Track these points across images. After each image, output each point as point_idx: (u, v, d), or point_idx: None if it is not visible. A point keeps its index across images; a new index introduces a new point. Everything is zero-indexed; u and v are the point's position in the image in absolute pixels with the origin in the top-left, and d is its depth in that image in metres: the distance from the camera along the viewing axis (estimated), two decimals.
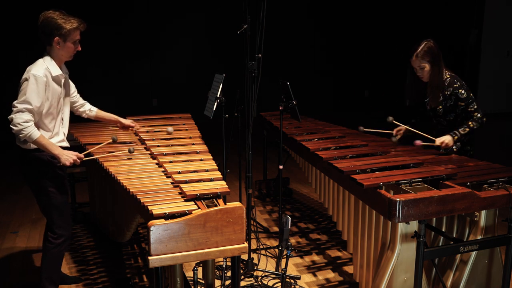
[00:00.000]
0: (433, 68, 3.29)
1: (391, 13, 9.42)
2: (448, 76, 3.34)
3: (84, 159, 2.96)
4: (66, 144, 3.05)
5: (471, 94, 3.31)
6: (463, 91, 3.28)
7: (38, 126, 2.82)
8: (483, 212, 2.70)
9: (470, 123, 3.29)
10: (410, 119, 3.61)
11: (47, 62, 2.85)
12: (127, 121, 3.45)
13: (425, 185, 2.69)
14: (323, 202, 3.55)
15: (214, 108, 3.40)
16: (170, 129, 3.52)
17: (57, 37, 2.81)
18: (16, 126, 2.71)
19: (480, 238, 2.72)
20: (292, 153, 4.14)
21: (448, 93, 3.31)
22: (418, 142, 3.32)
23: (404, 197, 2.42)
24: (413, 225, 2.57)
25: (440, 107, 3.36)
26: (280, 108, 3.49)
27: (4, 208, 4.85)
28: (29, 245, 4.02)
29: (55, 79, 2.88)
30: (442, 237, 2.88)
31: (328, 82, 9.51)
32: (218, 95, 3.36)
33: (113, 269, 3.61)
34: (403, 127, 3.53)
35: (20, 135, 2.73)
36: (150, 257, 2.20)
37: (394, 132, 3.55)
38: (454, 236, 2.87)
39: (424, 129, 3.49)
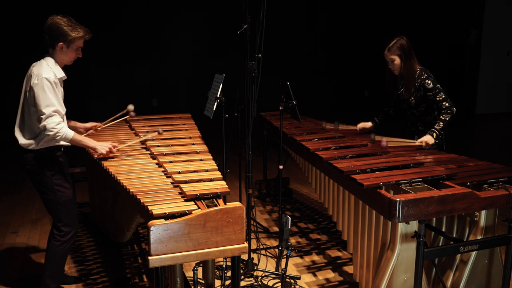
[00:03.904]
0: (404, 61, 3.50)
1: (391, 13, 9.41)
2: (418, 69, 3.54)
3: (119, 147, 3.16)
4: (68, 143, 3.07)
5: (438, 85, 3.49)
6: (429, 82, 3.48)
7: None
8: (483, 212, 2.70)
9: (441, 116, 3.48)
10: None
11: (51, 64, 2.91)
12: (87, 125, 3.44)
13: (425, 185, 2.69)
14: (323, 202, 3.55)
15: (214, 108, 3.40)
16: (160, 130, 3.50)
17: (61, 43, 2.88)
18: (51, 131, 2.80)
19: (480, 238, 2.72)
20: (292, 153, 4.13)
21: (418, 84, 3.52)
22: (384, 143, 3.38)
23: (404, 197, 2.42)
24: (413, 225, 2.57)
25: (412, 98, 3.56)
26: (280, 108, 3.49)
27: (4, 208, 4.85)
28: (29, 245, 4.02)
29: (59, 81, 2.94)
30: (442, 237, 2.88)
31: (328, 82, 9.51)
32: (218, 95, 3.36)
33: (113, 269, 3.61)
34: (367, 124, 3.88)
35: (57, 137, 2.83)
36: (150, 257, 2.20)
37: (358, 127, 3.90)
38: (454, 236, 2.87)
39: (389, 128, 3.75)
